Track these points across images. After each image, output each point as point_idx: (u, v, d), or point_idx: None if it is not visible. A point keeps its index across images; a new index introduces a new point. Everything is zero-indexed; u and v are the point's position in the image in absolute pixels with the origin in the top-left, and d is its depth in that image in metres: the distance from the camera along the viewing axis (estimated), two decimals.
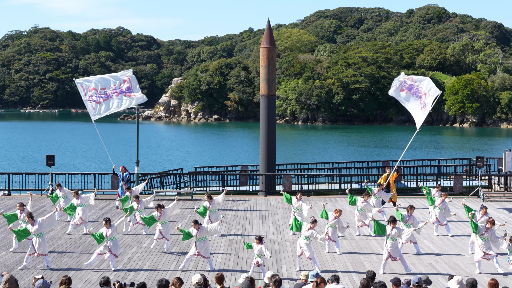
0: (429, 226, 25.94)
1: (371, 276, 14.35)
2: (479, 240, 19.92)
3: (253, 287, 13.22)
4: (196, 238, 19.83)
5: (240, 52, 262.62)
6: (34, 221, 20.29)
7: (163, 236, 22.33)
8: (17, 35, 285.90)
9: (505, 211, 30.28)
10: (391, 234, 19.78)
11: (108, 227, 20.05)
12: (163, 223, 22.39)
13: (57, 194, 27.07)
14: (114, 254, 20.03)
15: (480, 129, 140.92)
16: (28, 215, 20.42)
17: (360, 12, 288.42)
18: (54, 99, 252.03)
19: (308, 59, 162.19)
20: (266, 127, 36.51)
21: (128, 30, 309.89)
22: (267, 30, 36.96)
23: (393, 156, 75.97)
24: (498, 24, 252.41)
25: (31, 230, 20.22)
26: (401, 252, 20.13)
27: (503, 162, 38.44)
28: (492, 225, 19.92)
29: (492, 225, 19.91)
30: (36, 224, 20.22)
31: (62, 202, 27.05)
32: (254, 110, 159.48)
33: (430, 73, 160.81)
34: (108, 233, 20.01)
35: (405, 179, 40.14)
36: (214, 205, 25.09)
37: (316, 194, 36.62)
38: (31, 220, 20.30)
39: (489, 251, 19.80)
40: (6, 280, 12.37)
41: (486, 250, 19.78)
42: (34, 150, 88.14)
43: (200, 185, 38.54)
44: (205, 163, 69.36)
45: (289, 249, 22.75)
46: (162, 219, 22.42)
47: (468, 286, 13.43)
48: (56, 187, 27.58)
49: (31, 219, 20.31)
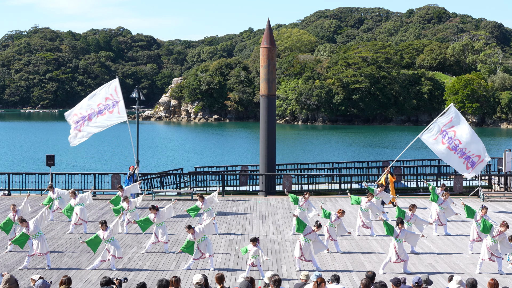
0: (429, 226, 25.94)
1: (371, 276, 14.36)
2: (489, 241, 19.89)
3: (253, 287, 13.21)
4: (196, 241, 19.80)
5: (240, 52, 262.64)
6: (27, 224, 20.26)
7: (158, 239, 22.02)
8: (17, 35, 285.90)
9: (505, 211, 30.26)
10: (400, 236, 19.79)
11: (104, 230, 20.01)
12: (159, 225, 22.19)
13: (50, 197, 26.80)
14: (114, 256, 19.96)
15: (480, 129, 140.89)
16: (20, 220, 20.35)
17: (360, 12, 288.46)
18: (54, 99, 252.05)
19: (308, 59, 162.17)
20: (266, 127, 36.51)
21: (128, 30, 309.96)
22: (267, 30, 36.95)
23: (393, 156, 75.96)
24: (498, 24, 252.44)
25: (28, 233, 20.19)
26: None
27: (503, 162, 38.42)
28: (506, 228, 19.88)
29: (506, 228, 19.86)
30: (31, 226, 20.18)
31: (57, 203, 27.02)
32: (254, 110, 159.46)
33: (430, 73, 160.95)
34: (105, 235, 19.96)
35: (405, 179, 40.13)
36: (207, 205, 25.08)
37: (316, 194, 36.61)
38: (25, 223, 20.26)
39: (496, 253, 19.79)
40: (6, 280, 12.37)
41: (494, 252, 19.78)
42: (34, 150, 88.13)
43: (200, 185, 38.51)
44: (205, 163, 69.34)
45: (289, 249, 22.74)
46: (158, 221, 22.22)
47: (468, 286, 13.43)
48: (48, 189, 27.34)
49: (24, 222, 20.26)
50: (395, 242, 19.74)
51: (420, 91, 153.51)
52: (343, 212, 22.41)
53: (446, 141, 28.68)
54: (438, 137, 28.87)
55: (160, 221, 22.24)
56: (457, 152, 28.73)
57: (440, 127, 28.97)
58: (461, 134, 28.86)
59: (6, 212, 28.85)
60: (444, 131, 28.88)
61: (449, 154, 28.74)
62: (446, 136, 28.74)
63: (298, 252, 19.99)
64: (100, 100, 30.90)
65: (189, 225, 19.99)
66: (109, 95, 30.87)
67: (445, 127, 29.00)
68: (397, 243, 19.67)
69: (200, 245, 19.76)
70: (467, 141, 28.77)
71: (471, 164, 28.64)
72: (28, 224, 20.23)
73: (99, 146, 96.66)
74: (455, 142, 28.71)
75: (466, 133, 28.93)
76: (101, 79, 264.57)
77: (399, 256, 19.61)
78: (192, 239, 19.72)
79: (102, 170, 60.96)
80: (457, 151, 28.69)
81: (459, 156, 28.66)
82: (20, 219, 20.44)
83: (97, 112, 30.58)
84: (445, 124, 29.05)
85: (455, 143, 28.69)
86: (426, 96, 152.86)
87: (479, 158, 28.67)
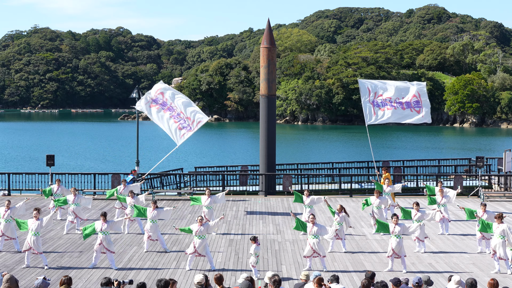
0: (428, 225, 25.96)
1: (370, 276, 14.35)
2: (498, 239, 19.83)
3: (253, 287, 13.20)
4: (196, 235, 19.82)
5: (240, 52, 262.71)
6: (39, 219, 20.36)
7: (149, 236, 22.06)
8: (17, 35, 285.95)
9: (505, 211, 30.25)
10: (395, 231, 19.86)
11: (104, 221, 20.07)
12: (152, 221, 22.19)
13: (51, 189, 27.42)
14: (108, 250, 19.97)
15: (480, 129, 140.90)
16: (37, 211, 20.53)
17: (360, 12, 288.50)
18: (54, 99, 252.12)
19: (308, 59, 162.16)
20: (266, 127, 36.50)
21: (128, 30, 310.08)
22: (267, 30, 36.95)
23: (393, 156, 76.01)
24: (498, 24, 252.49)
25: (30, 226, 20.25)
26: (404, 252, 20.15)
27: (503, 162, 38.45)
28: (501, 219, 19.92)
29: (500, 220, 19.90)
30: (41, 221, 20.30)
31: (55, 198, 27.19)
32: (254, 110, 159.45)
33: (430, 73, 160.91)
34: (104, 227, 20.01)
35: (405, 179, 40.13)
36: (211, 203, 25.16)
37: (316, 194, 36.55)
38: (38, 214, 20.40)
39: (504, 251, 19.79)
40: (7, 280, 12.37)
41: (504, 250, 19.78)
42: (34, 150, 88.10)
43: (200, 185, 38.51)
44: (205, 163, 69.30)
45: (289, 249, 22.74)
46: (153, 217, 22.23)
47: (468, 286, 13.42)
48: (56, 182, 27.79)
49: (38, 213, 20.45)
50: (391, 238, 19.90)
51: None
52: (341, 207, 22.47)
53: (383, 105, 30.77)
54: (377, 110, 30.96)
55: (155, 218, 22.25)
56: (397, 105, 30.62)
57: (368, 104, 31.20)
58: (387, 93, 31.08)
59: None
60: (373, 101, 30.95)
61: (395, 113, 30.71)
62: (379, 102, 30.89)
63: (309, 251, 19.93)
64: (182, 111, 30.46)
65: (202, 216, 20.09)
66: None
67: (372, 98, 31.02)
68: (394, 239, 19.83)
69: (196, 240, 19.78)
70: (395, 92, 30.90)
71: (416, 106, 30.45)
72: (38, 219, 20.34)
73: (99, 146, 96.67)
74: (388, 100, 30.71)
75: (391, 90, 31.07)
76: (101, 79, 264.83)
77: (395, 251, 19.79)
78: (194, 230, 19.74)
79: (102, 170, 60.93)
80: (396, 104, 30.64)
81: (402, 108, 30.60)
82: (37, 209, 20.64)
83: (175, 115, 30.35)
84: (370, 99, 31.11)
85: (389, 101, 30.68)
86: None
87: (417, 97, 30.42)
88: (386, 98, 30.93)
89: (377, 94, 31.15)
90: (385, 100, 30.82)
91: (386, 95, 31.07)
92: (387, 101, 30.84)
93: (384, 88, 31.36)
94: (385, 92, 31.20)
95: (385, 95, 31.07)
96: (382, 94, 31.16)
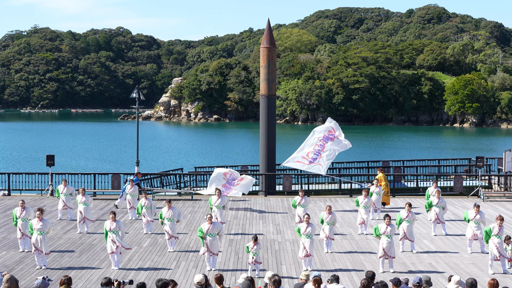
0: (428, 225, 25.97)
1: (370, 276, 14.36)
2: (495, 240, 19.89)
3: (253, 287, 13.21)
4: (207, 233, 19.82)
5: (240, 52, 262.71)
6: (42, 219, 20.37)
7: (171, 236, 22.20)
8: (17, 35, 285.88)
9: (505, 211, 30.25)
10: (386, 232, 19.93)
11: (113, 220, 20.09)
12: (170, 221, 22.25)
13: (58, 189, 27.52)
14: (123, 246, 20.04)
15: (480, 129, 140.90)
16: (40, 211, 20.51)
17: (360, 12, 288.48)
18: (54, 99, 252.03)
19: (308, 59, 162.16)
20: (266, 127, 36.50)
21: (128, 30, 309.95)
22: (267, 30, 36.96)
23: (393, 156, 76.00)
24: (498, 24, 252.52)
25: (34, 226, 20.21)
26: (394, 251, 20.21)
27: (503, 162, 38.43)
28: (502, 220, 20.10)
29: (501, 221, 20.05)
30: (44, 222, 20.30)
31: (64, 199, 27.26)
32: (254, 110, 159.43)
33: (430, 73, 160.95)
34: (113, 226, 20.03)
35: (405, 179, 40.12)
36: (221, 202, 25.28)
37: (316, 194, 36.63)
38: (41, 215, 20.38)
39: (502, 252, 19.81)
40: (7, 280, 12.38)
41: (501, 251, 19.81)
42: (34, 150, 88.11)
43: (200, 185, 38.50)
44: (205, 163, 69.30)
45: (289, 249, 22.75)
46: (171, 216, 22.25)
47: (468, 286, 13.43)
48: (62, 182, 27.88)
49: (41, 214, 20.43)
50: (382, 238, 19.98)
51: (420, 91, 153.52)
52: (329, 206, 22.34)
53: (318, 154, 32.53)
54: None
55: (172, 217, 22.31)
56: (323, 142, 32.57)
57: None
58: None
59: (6, 212, 28.91)
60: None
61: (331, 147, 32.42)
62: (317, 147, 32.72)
63: (303, 251, 20.00)
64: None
65: (211, 215, 20.20)
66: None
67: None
68: (385, 239, 19.90)
69: (208, 238, 19.82)
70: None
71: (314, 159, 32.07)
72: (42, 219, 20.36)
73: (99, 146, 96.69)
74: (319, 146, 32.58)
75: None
76: (101, 79, 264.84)
77: (386, 252, 19.84)
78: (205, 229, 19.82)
79: (102, 170, 60.94)
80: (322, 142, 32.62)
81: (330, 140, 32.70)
82: (41, 210, 20.65)
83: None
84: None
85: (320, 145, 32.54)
86: (426, 96, 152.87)
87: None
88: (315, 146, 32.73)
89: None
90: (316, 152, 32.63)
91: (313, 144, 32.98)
92: (319, 148, 32.67)
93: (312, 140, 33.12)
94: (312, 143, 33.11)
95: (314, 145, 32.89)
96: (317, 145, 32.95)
